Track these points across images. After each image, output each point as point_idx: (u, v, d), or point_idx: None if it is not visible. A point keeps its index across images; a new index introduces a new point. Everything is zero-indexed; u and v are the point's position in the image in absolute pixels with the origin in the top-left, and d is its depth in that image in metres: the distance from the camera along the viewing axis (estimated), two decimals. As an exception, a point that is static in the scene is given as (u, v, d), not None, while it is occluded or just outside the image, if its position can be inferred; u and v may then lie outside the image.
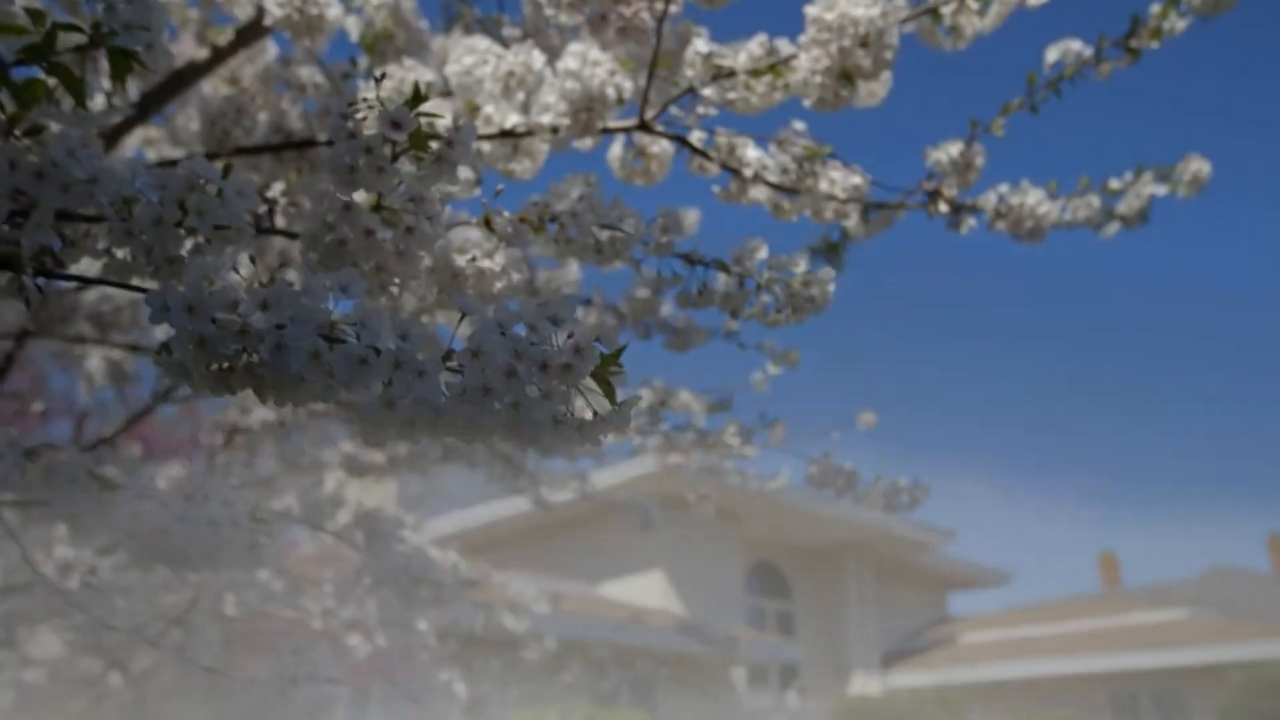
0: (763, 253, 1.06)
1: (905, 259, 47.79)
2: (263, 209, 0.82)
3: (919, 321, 50.37)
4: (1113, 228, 2.12)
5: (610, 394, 0.68)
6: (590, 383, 0.69)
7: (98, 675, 5.44)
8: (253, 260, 0.71)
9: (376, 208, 0.81)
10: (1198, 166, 1.65)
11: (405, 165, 0.81)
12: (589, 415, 0.68)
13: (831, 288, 1.07)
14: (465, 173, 1.74)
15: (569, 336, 0.66)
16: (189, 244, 0.77)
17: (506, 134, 1.42)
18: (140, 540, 0.92)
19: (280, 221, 1.32)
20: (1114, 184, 1.68)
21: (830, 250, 2.02)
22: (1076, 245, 50.32)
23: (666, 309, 2.15)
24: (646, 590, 14.47)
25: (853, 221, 1.76)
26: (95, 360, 3.20)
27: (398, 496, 13.76)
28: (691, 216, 2.24)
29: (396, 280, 0.83)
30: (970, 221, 1.73)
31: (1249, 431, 51.25)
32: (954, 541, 18.15)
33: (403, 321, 0.67)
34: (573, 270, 1.97)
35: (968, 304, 48.82)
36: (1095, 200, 1.66)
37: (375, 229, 0.79)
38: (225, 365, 0.67)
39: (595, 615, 11.40)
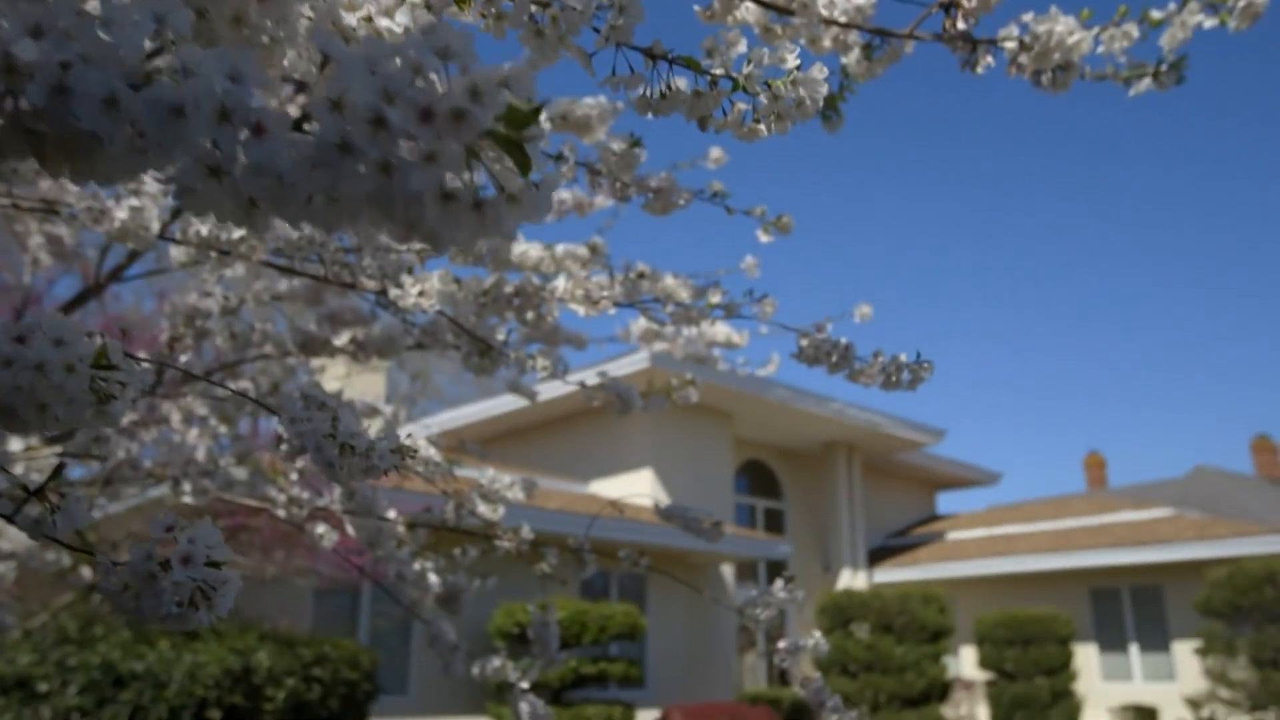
0: (741, 46, 0.87)
1: (893, 136, 47.11)
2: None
3: (909, 209, 49.96)
4: (1144, 84, 1.91)
5: (523, 162, 0.49)
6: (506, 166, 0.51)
7: (68, 568, 5.34)
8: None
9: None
10: (1251, -9, 1.43)
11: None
12: (494, 192, 0.50)
13: (824, 90, 0.87)
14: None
15: (462, 74, 0.47)
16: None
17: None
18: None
19: None
20: (1156, 14, 1.47)
21: (827, 104, 1.81)
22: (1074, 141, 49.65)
23: (645, 161, 1.95)
24: (635, 488, 14.50)
25: (854, 57, 1.55)
26: (37, 238, 3.00)
27: (386, 394, 13.64)
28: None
29: (263, 40, 0.63)
30: (988, 59, 1.52)
31: (1236, 335, 51.45)
32: (944, 441, 18.21)
33: (232, 56, 0.48)
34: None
35: (958, 193, 48.32)
36: (1134, 30, 1.45)
37: (223, -39, 0.59)
38: (-17, 116, 0.48)
39: (581, 510, 11.43)
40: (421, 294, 1.78)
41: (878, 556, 18.64)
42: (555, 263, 2.68)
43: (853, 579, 17.55)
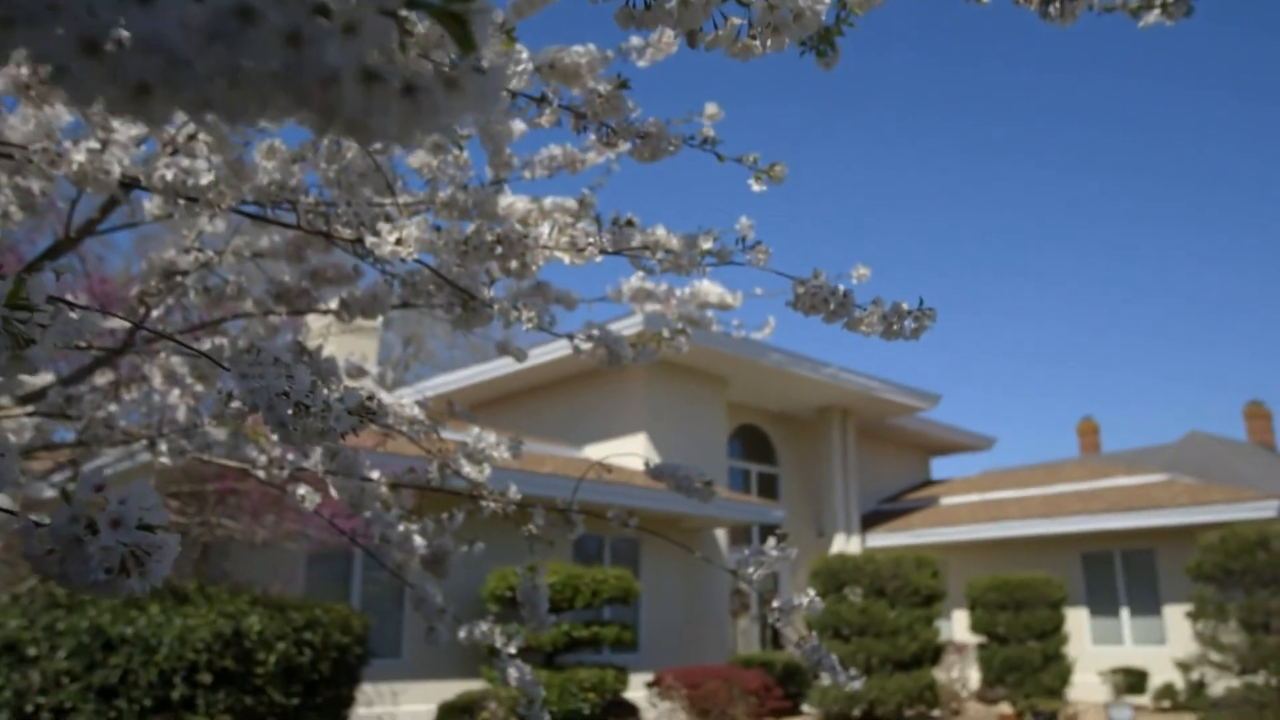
0: (736, -50, 0.79)
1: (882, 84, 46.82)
2: None
3: (903, 176, 49.74)
4: (1152, 16, 1.83)
5: (465, 38, 0.42)
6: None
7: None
8: None
9: None
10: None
11: None
12: (430, 75, 0.42)
13: (825, 1, 0.79)
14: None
15: (385, -82, 0.39)
16: None
17: None
18: None
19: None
20: (1171, -60, 1.39)
21: (823, 38, 1.72)
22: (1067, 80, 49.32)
23: (635, 110, 1.87)
24: (629, 453, 14.47)
25: (853, -14, 1.46)
26: (7, 192, 2.90)
27: (377, 359, 13.58)
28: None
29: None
30: (993, -12, 1.45)
31: (1230, 301, 51.45)
32: (938, 406, 18.19)
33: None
34: (519, 58, 1.66)
35: (953, 160, 48.07)
36: (1149, -44, 1.36)
37: None
38: None
39: (574, 475, 11.39)
40: (399, 242, 1.70)
41: (871, 521, 18.69)
42: (543, 215, 2.59)
43: (846, 544, 17.59)
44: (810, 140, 50.57)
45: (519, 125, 2.58)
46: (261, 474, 2.58)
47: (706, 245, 1.60)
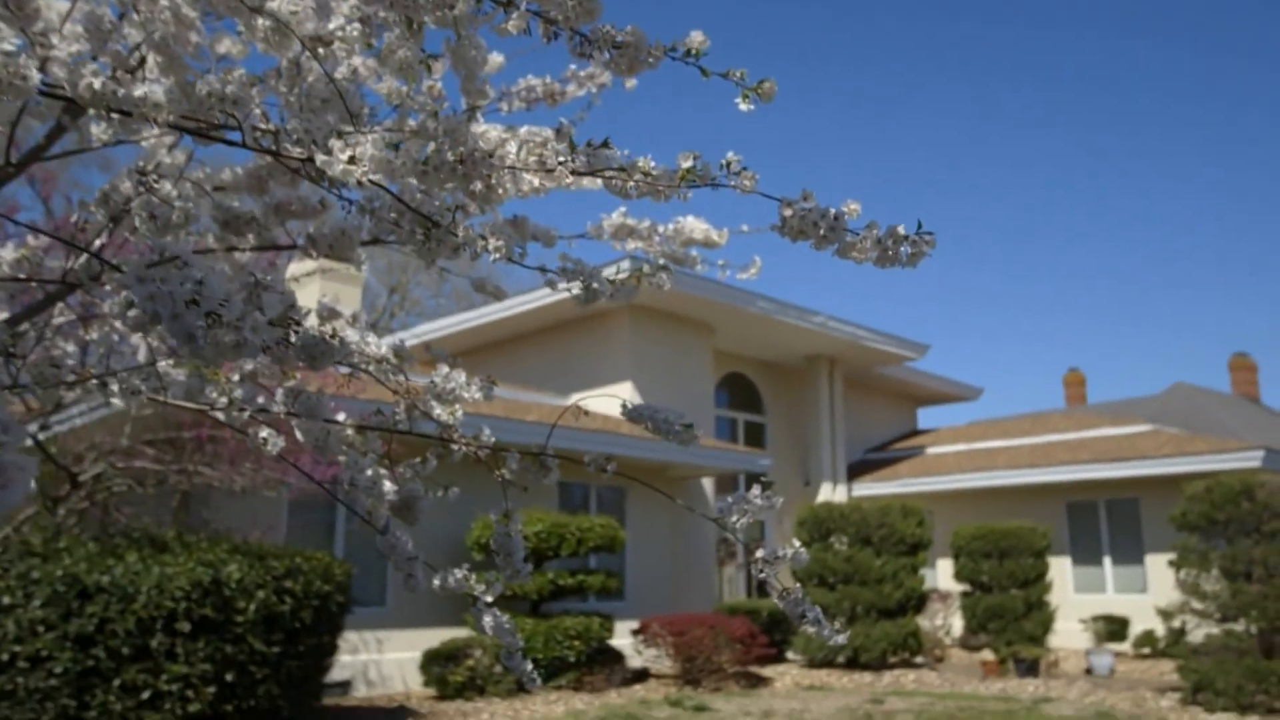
0: None
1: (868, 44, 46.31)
2: None
3: (891, 126, 49.37)
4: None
5: None
6: None
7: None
8: None
9: None
10: None
11: None
12: None
13: None
14: None
15: None
16: None
17: None
18: None
19: None
20: None
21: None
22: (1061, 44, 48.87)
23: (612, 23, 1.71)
24: (615, 403, 14.38)
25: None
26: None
27: (360, 304, 13.39)
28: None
29: None
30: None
31: (1216, 253, 51.48)
32: (926, 356, 18.14)
33: None
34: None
35: (941, 111, 47.71)
36: None
37: None
38: None
39: (560, 423, 11.29)
40: (352, 160, 1.56)
41: (858, 470, 18.72)
42: (516, 140, 2.44)
43: (833, 493, 17.62)
44: (798, 91, 50.02)
45: (496, 58, 2.42)
46: (221, 416, 2.45)
47: (687, 165, 1.46)
